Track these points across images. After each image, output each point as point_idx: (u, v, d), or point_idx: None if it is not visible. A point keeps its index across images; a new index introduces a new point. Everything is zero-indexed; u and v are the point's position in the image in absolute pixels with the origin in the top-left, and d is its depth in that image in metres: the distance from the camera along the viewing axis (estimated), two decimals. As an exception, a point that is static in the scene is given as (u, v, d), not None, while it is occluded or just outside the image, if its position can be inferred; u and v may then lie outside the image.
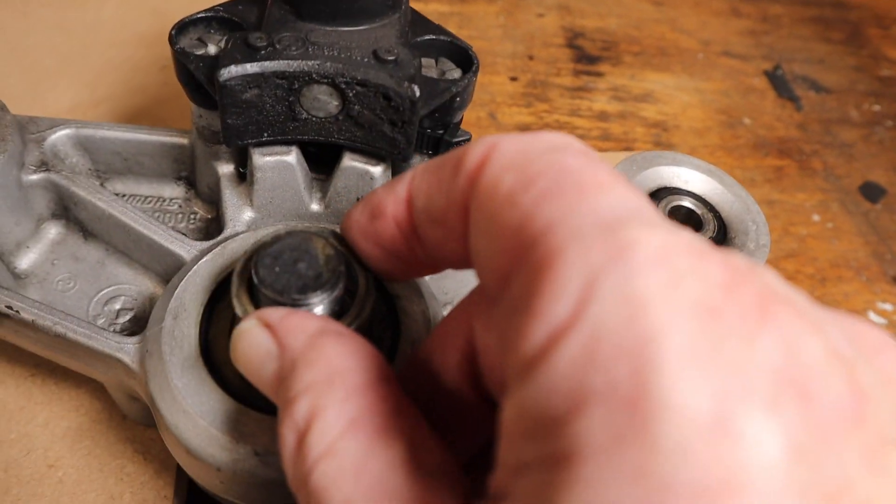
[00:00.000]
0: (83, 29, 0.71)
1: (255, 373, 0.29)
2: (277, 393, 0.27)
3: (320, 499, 0.22)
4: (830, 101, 0.88)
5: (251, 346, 0.29)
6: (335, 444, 0.22)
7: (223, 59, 0.39)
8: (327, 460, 0.22)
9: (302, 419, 0.24)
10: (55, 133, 0.47)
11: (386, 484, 0.21)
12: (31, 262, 0.46)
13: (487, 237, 0.22)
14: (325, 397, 0.24)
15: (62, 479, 0.44)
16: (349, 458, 0.22)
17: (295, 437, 0.24)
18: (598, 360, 0.16)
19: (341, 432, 0.23)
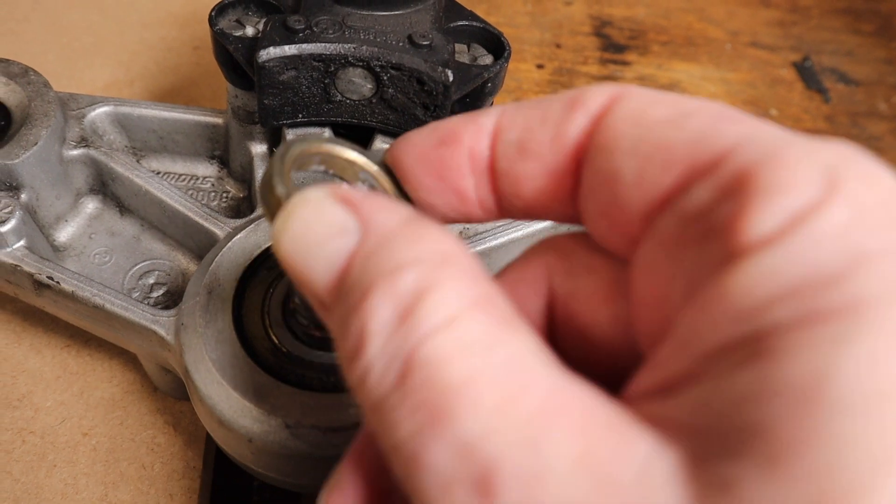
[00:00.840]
0: (119, 8, 0.72)
1: (312, 252, 0.23)
2: (354, 272, 0.22)
3: (432, 373, 0.19)
4: (859, 94, 0.88)
5: (316, 219, 0.23)
6: (458, 317, 0.19)
7: (262, 40, 0.40)
8: (447, 332, 0.19)
9: (409, 290, 0.20)
10: (94, 110, 0.48)
11: (520, 363, 0.19)
12: (69, 236, 0.47)
13: (636, 158, 0.21)
14: (440, 272, 0.20)
15: (96, 447, 0.46)
16: (476, 333, 0.19)
17: (396, 309, 0.20)
18: (871, 224, 0.17)
19: (465, 307, 0.20)
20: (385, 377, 0.19)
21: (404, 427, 0.19)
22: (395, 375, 0.19)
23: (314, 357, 0.38)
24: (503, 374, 0.18)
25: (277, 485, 0.41)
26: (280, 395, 0.36)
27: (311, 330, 0.38)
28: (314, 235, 0.22)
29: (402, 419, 0.19)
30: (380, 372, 0.19)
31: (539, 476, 0.17)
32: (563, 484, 0.17)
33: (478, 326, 0.19)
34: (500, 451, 0.17)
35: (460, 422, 0.18)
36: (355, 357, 0.20)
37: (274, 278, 0.41)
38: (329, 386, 0.37)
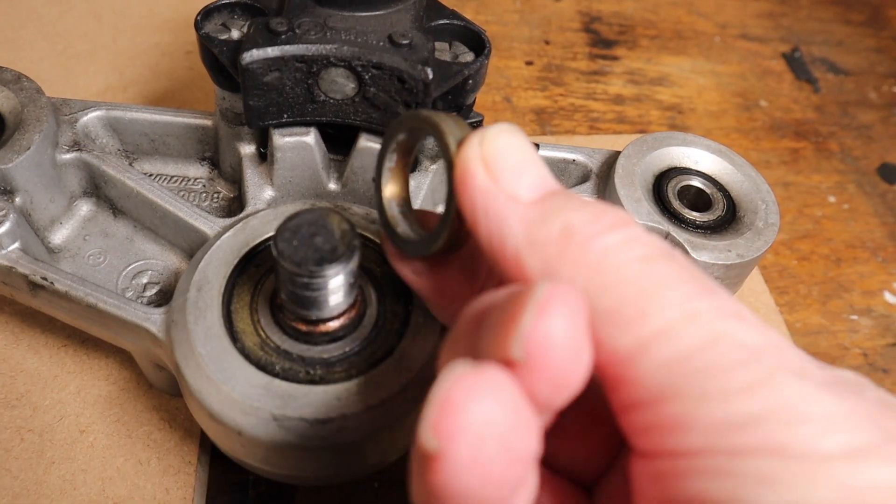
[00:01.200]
0: (113, 15, 0.73)
1: (526, 160, 0.28)
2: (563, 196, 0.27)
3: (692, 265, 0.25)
4: (849, 83, 0.88)
5: (524, 145, 0.28)
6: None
7: (246, 43, 0.41)
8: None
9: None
10: (87, 115, 0.49)
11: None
12: (64, 238, 0.49)
13: None
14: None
15: (93, 444, 0.47)
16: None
17: (613, 223, 0.26)
18: None
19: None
20: (653, 247, 0.25)
21: (686, 273, 0.25)
22: (660, 250, 0.25)
23: (301, 351, 0.39)
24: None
25: (271, 478, 0.42)
26: (268, 388, 0.37)
27: (297, 324, 0.39)
28: (531, 155, 0.28)
29: (679, 269, 0.25)
30: (649, 240, 0.26)
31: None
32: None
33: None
34: (745, 309, 0.25)
35: (719, 291, 0.25)
36: (618, 226, 0.26)
37: (262, 275, 0.42)
38: (315, 379, 0.38)
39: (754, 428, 0.21)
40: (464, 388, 0.21)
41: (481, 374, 0.21)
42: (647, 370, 0.23)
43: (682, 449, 0.23)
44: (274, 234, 0.36)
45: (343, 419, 0.37)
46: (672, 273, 0.25)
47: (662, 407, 0.23)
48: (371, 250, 0.43)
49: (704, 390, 0.22)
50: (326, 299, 0.37)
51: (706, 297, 0.24)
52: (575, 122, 0.76)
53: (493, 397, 0.21)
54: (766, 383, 0.22)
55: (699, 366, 0.22)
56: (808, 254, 0.70)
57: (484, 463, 0.20)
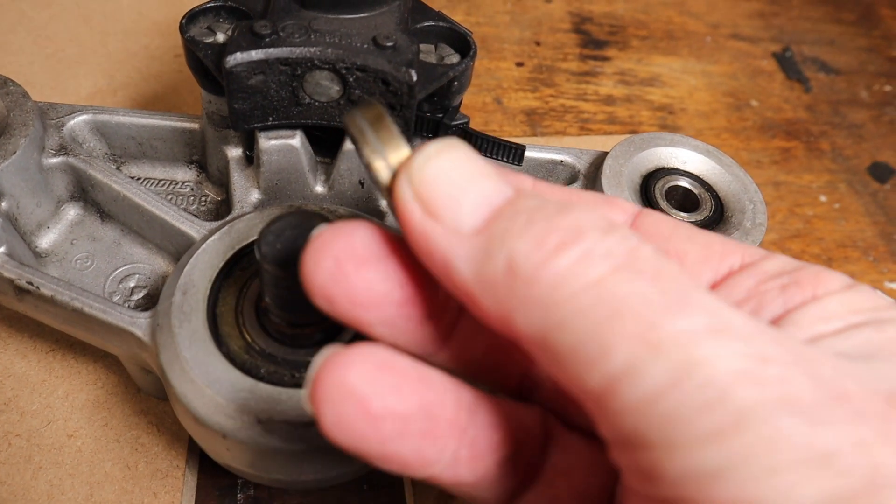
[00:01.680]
0: (103, 18, 0.73)
1: (467, 182, 0.25)
2: (522, 205, 0.25)
3: (664, 261, 0.23)
4: (840, 83, 0.88)
5: (466, 159, 0.25)
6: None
7: (230, 46, 0.41)
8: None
9: (604, 216, 0.24)
10: (74, 119, 0.49)
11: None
12: (51, 242, 0.48)
13: None
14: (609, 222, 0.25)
15: (81, 449, 0.47)
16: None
17: (604, 222, 0.24)
18: None
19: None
20: (613, 256, 0.23)
21: (651, 287, 0.22)
22: (624, 257, 0.23)
23: (286, 354, 0.39)
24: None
25: (259, 482, 0.42)
26: (252, 391, 0.37)
27: (282, 328, 0.39)
28: (468, 172, 0.25)
29: (643, 284, 0.22)
30: (605, 252, 0.23)
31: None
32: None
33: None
34: (726, 313, 0.23)
35: (699, 294, 0.23)
36: (568, 244, 0.23)
37: (248, 278, 0.42)
38: (300, 382, 0.38)
39: (724, 480, 0.20)
40: (328, 364, 0.24)
41: (344, 353, 0.25)
42: (616, 413, 0.22)
43: (656, 497, 0.22)
44: (257, 236, 0.36)
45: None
46: (633, 292, 0.22)
47: (633, 453, 0.22)
48: (357, 253, 0.43)
49: (671, 439, 0.20)
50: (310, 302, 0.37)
51: (674, 316, 0.21)
52: (566, 123, 0.77)
53: (349, 370, 0.24)
54: (737, 428, 0.20)
55: (664, 411, 0.21)
56: (799, 253, 0.70)
57: (344, 420, 0.24)
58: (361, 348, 0.25)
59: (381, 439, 0.25)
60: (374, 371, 0.25)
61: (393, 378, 0.25)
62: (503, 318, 0.24)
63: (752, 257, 0.29)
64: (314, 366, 0.25)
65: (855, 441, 0.20)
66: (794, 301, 0.26)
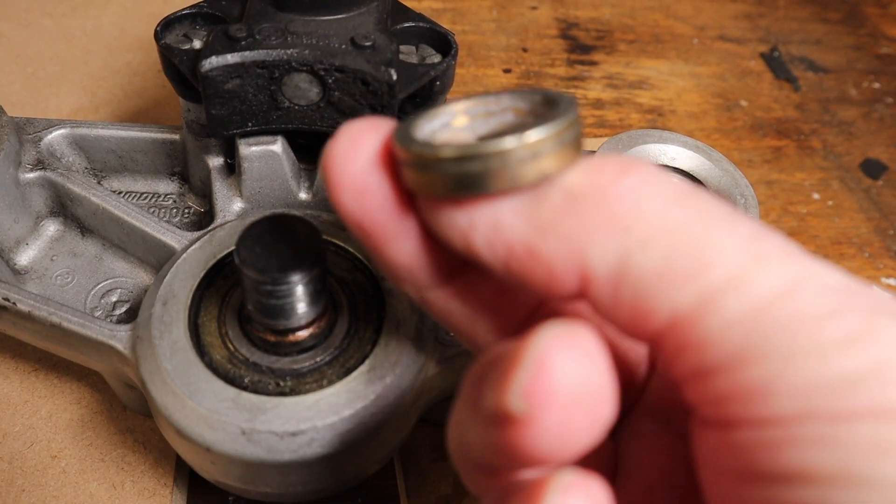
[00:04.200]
0: (84, 36, 0.72)
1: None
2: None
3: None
4: (829, 81, 0.88)
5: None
6: None
7: (204, 51, 0.40)
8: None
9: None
10: (51, 133, 0.49)
11: None
12: (30, 259, 0.47)
13: None
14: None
15: (65, 470, 0.46)
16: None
17: (621, 167, 0.22)
18: None
19: None
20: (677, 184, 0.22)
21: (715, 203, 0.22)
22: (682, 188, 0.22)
23: (270, 362, 0.38)
24: None
25: (248, 496, 0.41)
26: (235, 401, 0.36)
27: (266, 335, 0.38)
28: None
29: (726, 208, 0.21)
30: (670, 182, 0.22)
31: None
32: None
33: None
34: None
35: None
36: (628, 172, 0.22)
37: (230, 286, 0.41)
38: (285, 390, 0.37)
39: (860, 387, 0.18)
40: (559, 351, 0.20)
41: (576, 335, 0.20)
42: (717, 330, 0.20)
43: (773, 417, 0.20)
44: (237, 241, 0.35)
45: (314, 431, 0.36)
46: (720, 213, 0.21)
47: (742, 371, 0.20)
48: (341, 257, 0.42)
49: (793, 347, 0.19)
50: (293, 307, 0.36)
51: (768, 238, 0.21)
52: (554, 128, 0.76)
53: (588, 361, 0.20)
54: (867, 333, 0.19)
55: (782, 318, 0.19)
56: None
57: (572, 428, 0.20)
58: (586, 336, 0.21)
59: (588, 447, 0.21)
60: (603, 371, 0.21)
61: (600, 360, 0.21)
62: (573, 260, 0.21)
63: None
64: (536, 350, 0.20)
65: None
66: None
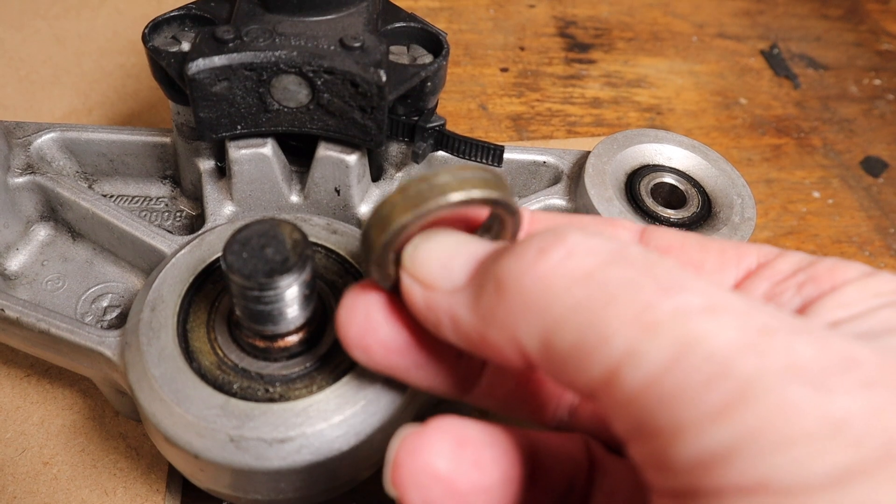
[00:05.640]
0: (77, 39, 0.72)
1: (455, 248, 0.27)
2: (489, 263, 0.26)
3: (653, 256, 0.23)
4: (829, 78, 0.87)
5: (453, 234, 0.28)
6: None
7: (191, 53, 0.40)
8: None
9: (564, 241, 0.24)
10: (41, 137, 0.48)
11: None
12: (20, 264, 0.47)
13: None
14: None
15: (57, 476, 0.45)
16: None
17: (539, 250, 0.24)
18: None
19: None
20: (598, 252, 0.23)
21: (643, 275, 0.22)
22: (609, 252, 0.23)
23: (260, 368, 0.37)
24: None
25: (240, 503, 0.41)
26: (224, 407, 0.36)
27: (255, 341, 0.37)
28: (455, 242, 0.27)
29: (634, 272, 0.22)
30: (591, 247, 0.23)
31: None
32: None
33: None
34: (720, 295, 0.22)
35: (692, 279, 0.22)
36: (550, 247, 0.24)
37: (219, 292, 0.40)
38: (275, 396, 0.37)
39: (732, 461, 0.18)
40: (407, 447, 0.25)
41: (422, 434, 0.25)
42: (619, 403, 0.21)
43: (668, 490, 0.20)
44: (223, 246, 0.34)
45: (303, 437, 0.35)
46: (622, 280, 0.22)
47: (644, 444, 0.21)
48: (332, 261, 0.42)
49: (676, 421, 0.19)
50: (282, 313, 0.35)
51: (667, 297, 0.21)
52: (552, 127, 0.75)
53: (431, 452, 0.25)
54: (741, 401, 0.18)
55: (667, 391, 0.20)
56: (794, 250, 0.69)
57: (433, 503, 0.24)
58: (437, 425, 0.26)
59: None
60: (455, 448, 0.25)
61: (472, 452, 0.26)
62: (511, 343, 0.24)
63: (766, 257, 0.28)
64: (392, 449, 0.26)
65: (867, 408, 0.18)
66: (811, 295, 0.25)
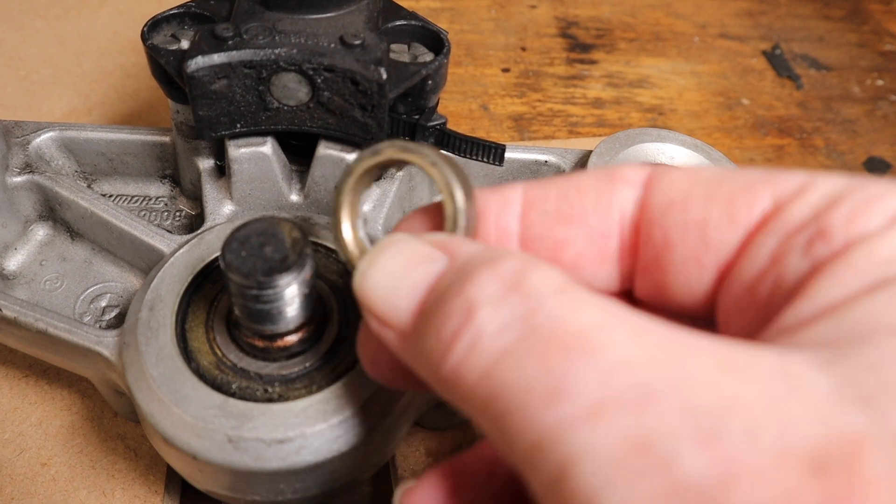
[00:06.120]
0: (77, 38, 0.72)
1: (398, 281, 0.25)
2: (445, 279, 0.24)
3: (557, 326, 0.20)
4: (831, 79, 0.87)
5: (403, 252, 0.26)
6: (566, 286, 0.21)
7: (190, 51, 0.39)
8: (563, 295, 0.21)
9: (510, 270, 0.22)
10: (39, 136, 0.48)
11: (629, 313, 0.21)
12: (19, 264, 0.47)
13: (707, 211, 0.25)
14: (532, 262, 0.23)
15: (55, 477, 0.45)
16: (585, 295, 0.21)
17: (502, 283, 0.22)
18: None
19: (567, 280, 0.22)
20: (502, 336, 0.21)
21: (535, 370, 0.20)
22: (514, 333, 0.21)
23: (259, 368, 0.37)
24: (623, 319, 0.20)
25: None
26: (222, 408, 0.35)
27: (254, 340, 0.37)
28: (402, 264, 0.25)
29: (529, 367, 0.20)
30: (494, 332, 0.21)
31: (690, 387, 0.18)
32: (711, 387, 0.18)
33: (584, 292, 0.21)
34: (648, 373, 0.19)
35: (601, 354, 0.19)
36: (460, 331, 0.22)
37: (218, 291, 0.40)
38: (274, 397, 0.36)
39: None
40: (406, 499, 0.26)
41: (417, 487, 0.27)
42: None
43: None
44: (222, 245, 0.34)
45: (302, 438, 0.35)
46: (518, 380, 0.20)
47: None
48: (332, 260, 0.41)
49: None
50: (281, 312, 0.35)
51: (554, 403, 0.19)
52: (554, 128, 0.75)
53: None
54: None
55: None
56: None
57: None
58: (430, 481, 0.27)
59: None
60: (448, 498, 0.27)
61: (468, 494, 0.27)
62: (460, 406, 0.23)
63: (782, 195, 0.24)
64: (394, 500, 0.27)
65: None
66: (820, 258, 0.22)
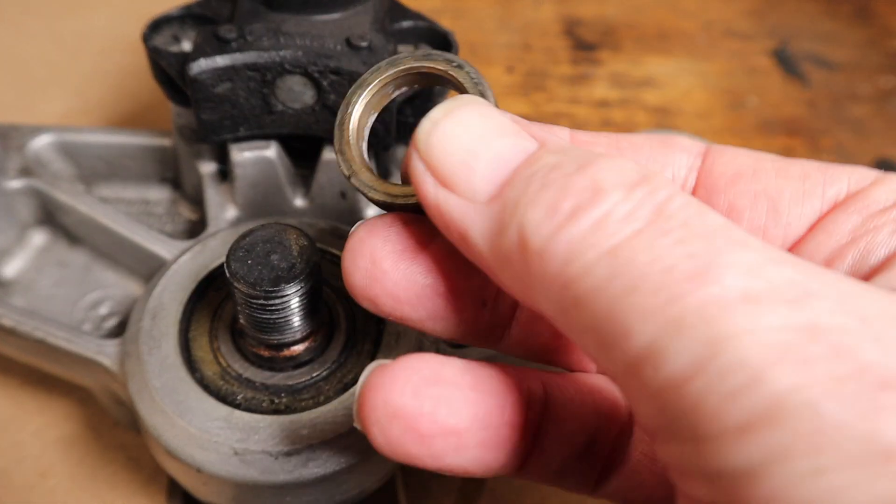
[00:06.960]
0: (74, 38, 0.70)
1: (483, 141, 0.23)
2: (543, 164, 0.22)
3: (692, 216, 0.20)
4: (839, 77, 0.86)
5: (486, 116, 0.24)
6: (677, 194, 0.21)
7: (193, 53, 0.38)
8: (690, 196, 0.21)
9: (633, 168, 0.21)
10: (37, 140, 0.47)
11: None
12: (16, 270, 0.46)
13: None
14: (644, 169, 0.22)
15: (53, 488, 0.44)
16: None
17: (631, 176, 0.21)
18: None
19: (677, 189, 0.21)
20: (634, 217, 0.20)
21: (674, 253, 0.19)
22: (648, 217, 0.20)
23: (265, 378, 0.36)
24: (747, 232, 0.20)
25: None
26: (228, 420, 0.34)
27: (260, 350, 0.36)
28: (486, 130, 0.23)
29: (666, 248, 0.19)
30: (625, 213, 0.20)
31: (848, 294, 0.19)
32: (865, 297, 0.19)
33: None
34: (798, 274, 0.19)
35: (748, 247, 0.19)
36: (584, 208, 0.20)
37: (222, 299, 0.39)
38: (280, 408, 0.35)
39: (760, 480, 0.16)
40: (373, 382, 0.24)
41: (387, 369, 0.24)
42: (641, 399, 0.19)
43: (690, 497, 0.19)
44: (227, 252, 0.33)
45: (310, 450, 0.34)
46: (654, 258, 0.19)
47: (663, 444, 0.19)
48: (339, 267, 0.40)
49: (699, 431, 0.17)
50: (287, 322, 0.34)
51: (701, 283, 0.18)
52: (559, 129, 0.74)
53: (394, 388, 0.23)
54: (772, 419, 0.16)
55: (690, 399, 0.17)
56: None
57: (394, 441, 0.23)
58: (407, 361, 0.24)
59: (435, 456, 0.24)
60: (422, 386, 0.23)
61: (443, 390, 0.24)
62: (524, 296, 0.22)
63: (860, 183, 0.25)
64: (360, 383, 0.24)
65: None
66: None
